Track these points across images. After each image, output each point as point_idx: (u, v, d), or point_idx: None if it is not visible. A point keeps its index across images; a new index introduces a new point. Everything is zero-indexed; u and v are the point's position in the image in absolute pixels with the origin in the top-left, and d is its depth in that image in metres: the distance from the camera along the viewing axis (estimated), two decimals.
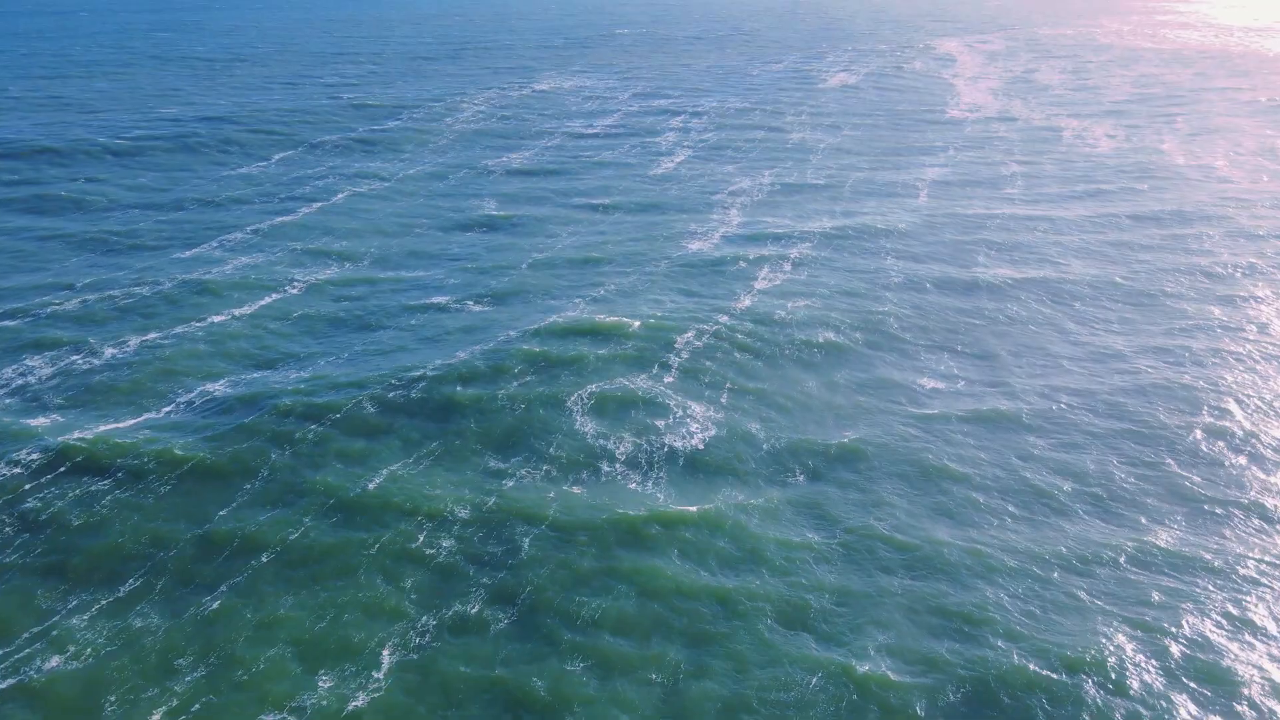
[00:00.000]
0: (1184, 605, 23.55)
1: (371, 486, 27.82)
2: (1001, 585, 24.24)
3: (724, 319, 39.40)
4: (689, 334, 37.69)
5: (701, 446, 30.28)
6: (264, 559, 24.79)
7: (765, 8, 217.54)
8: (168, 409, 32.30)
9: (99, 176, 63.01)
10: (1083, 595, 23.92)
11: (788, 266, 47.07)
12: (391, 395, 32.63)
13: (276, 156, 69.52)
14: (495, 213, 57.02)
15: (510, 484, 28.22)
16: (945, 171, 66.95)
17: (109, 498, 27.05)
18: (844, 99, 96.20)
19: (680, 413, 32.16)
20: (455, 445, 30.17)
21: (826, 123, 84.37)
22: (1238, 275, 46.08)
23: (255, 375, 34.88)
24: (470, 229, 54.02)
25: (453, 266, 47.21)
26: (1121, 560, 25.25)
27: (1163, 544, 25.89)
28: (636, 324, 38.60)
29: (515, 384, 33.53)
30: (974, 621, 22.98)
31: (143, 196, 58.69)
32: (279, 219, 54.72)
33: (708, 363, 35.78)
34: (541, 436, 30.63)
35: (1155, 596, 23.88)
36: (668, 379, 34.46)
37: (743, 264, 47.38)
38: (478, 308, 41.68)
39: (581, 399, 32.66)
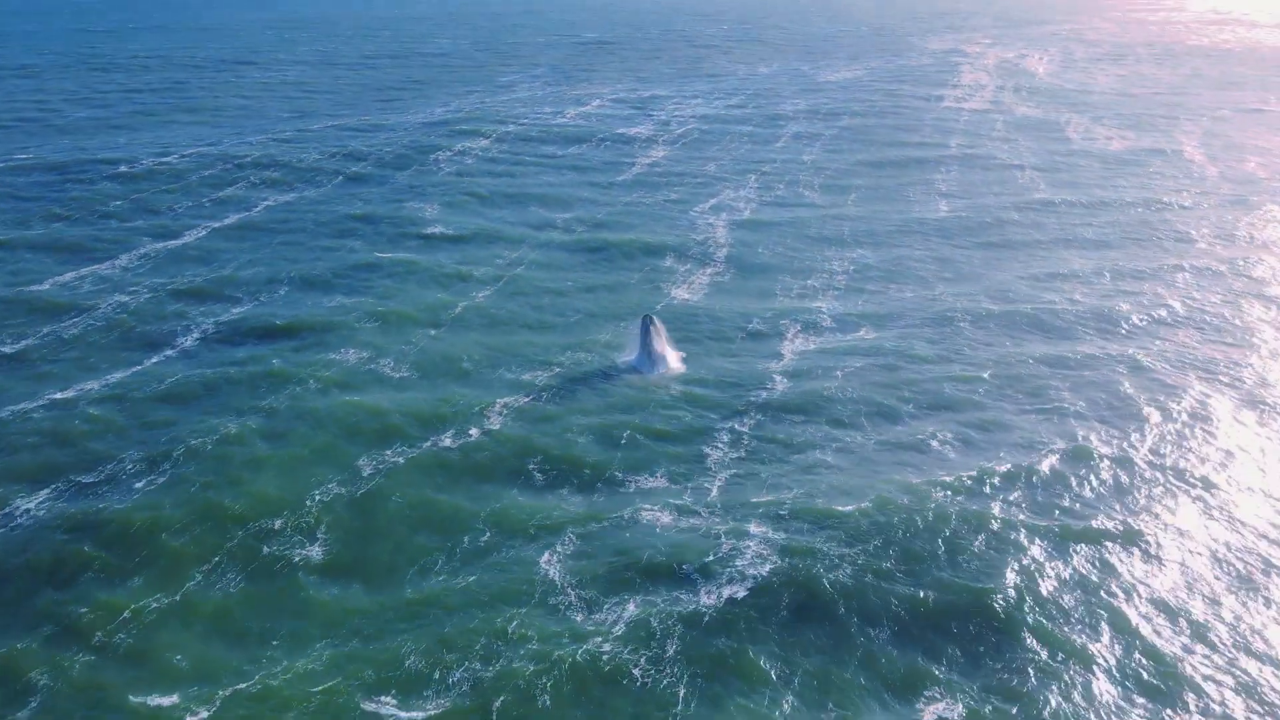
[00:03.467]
0: None
1: None
2: None
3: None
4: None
5: None
6: None
7: (758, 9, 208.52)
8: None
9: None
10: None
11: (795, 381, 33.17)
12: None
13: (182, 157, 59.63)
14: (435, 233, 48.93)
15: None
16: (958, 205, 57.03)
17: None
18: (839, 105, 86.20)
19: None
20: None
21: (818, 137, 74.35)
22: None
23: None
24: (391, 268, 44.51)
25: (349, 333, 37.13)
26: None
27: None
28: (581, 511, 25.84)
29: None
30: None
31: None
32: (152, 245, 45.35)
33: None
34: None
35: None
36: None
37: (724, 388, 32.80)
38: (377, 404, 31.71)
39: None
